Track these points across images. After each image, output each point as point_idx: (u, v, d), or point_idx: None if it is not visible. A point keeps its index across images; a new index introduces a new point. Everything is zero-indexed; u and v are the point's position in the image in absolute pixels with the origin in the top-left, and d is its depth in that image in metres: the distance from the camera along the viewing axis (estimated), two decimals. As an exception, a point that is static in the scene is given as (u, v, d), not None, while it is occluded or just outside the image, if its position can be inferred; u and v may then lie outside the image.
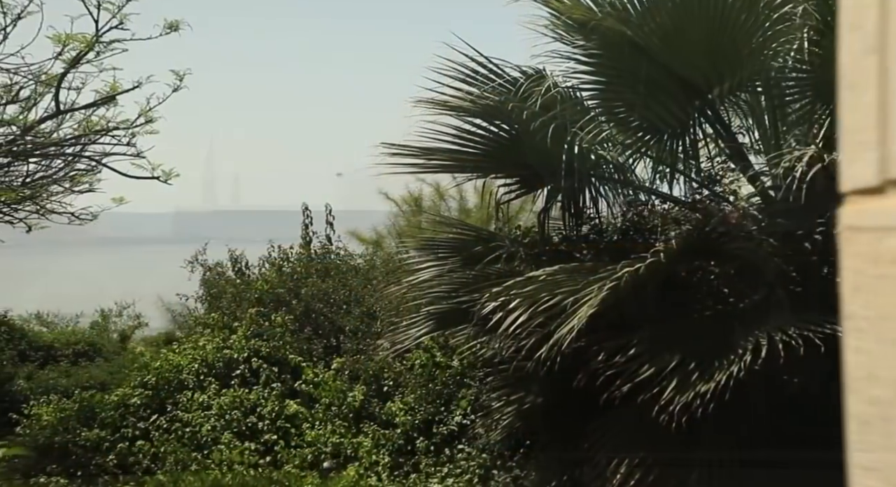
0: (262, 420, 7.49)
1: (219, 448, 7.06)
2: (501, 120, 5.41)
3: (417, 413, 6.84)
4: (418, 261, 6.41)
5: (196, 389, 8.03)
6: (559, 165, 5.32)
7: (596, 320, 3.86)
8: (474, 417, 6.62)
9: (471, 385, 6.86)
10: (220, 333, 8.58)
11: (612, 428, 4.52)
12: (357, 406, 7.14)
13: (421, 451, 6.55)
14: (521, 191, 5.84)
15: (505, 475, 5.87)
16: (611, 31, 4.25)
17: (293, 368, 8.02)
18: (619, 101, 4.88)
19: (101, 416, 7.94)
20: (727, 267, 4.68)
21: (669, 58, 4.42)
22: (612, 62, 4.61)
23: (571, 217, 5.75)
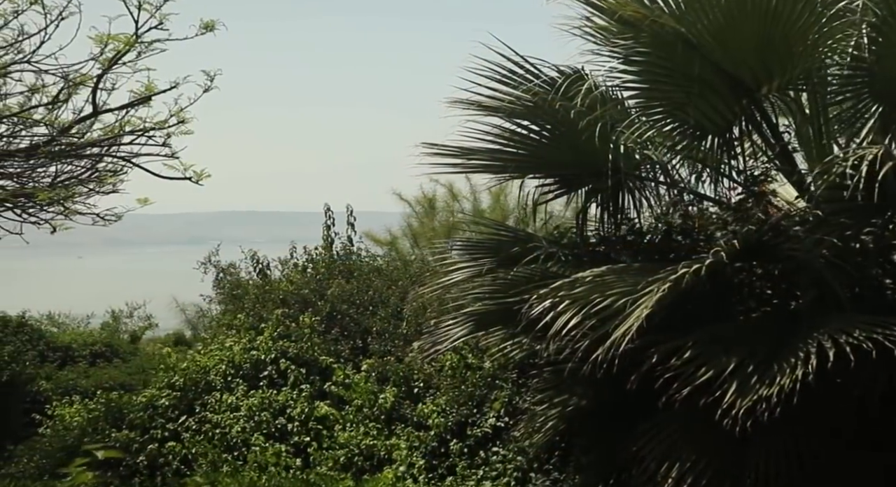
0: (291, 422, 7.46)
1: (253, 450, 7.03)
2: (542, 119, 5.37)
3: (450, 416, 6.80)
4: (453, 262, 6.37)
5: (224, 390, 8.01)
6: (601, 165, 5.28)
7: (648, 321, 3.81)
8: (508, 419, 6.59)
9: (503, 387, 6.82)
10: (247, 334, 8.55)
11: (663, 431, 4.47)
12: (388, 408, 7.11)
13: (455, 453, 6.52)
14: (560, 192, 5.80)
15: (543, 478, 5.83)
16: (663, 28, 4.21)
17: (321, 369, 7.99)
18: (665, 100, 4.82)
19: (129, 417, 7.93)
20: (781, 267, 4.63)
21: (720, 55, 4.36)
22: (661, 60, 4.56)
23: (610, 217, 5.72)
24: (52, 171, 7.51)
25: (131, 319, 24.12)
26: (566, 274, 5.08)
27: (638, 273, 4.50)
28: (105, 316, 23.84)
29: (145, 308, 24.46)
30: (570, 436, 5.36)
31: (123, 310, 24.42)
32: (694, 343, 3.98)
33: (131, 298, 24.23)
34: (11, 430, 10.77)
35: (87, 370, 13.15)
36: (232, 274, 18.55)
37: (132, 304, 24.62)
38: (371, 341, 8.38)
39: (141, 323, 23.60)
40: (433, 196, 20.45)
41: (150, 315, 24.29)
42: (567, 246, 5.80)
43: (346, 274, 9.75)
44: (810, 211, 3.91)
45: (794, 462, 3.99)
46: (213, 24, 6.15)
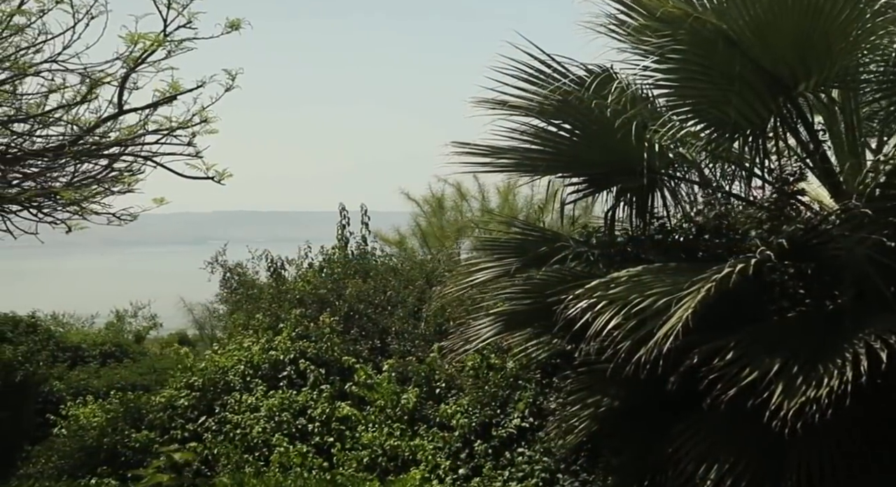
0: (311, 423, 7.43)
1: (277, 451, 7.00)
2: (572, 118, 5.33)
3: (473, 416, 6.77)
4: (477, 262, 6.34)
5: (243, 391, 7.98)
6: (632, 164, 5.25)
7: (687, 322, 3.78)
8: (533, 420, 6.56)
9: (527, 387, 6.79)
10: (265, 334, 8.52)
11: (700, 432, 4.44)
12: (410, 409, 7.08)
13: (479, 454, 6.48)
14: (589, 191, 5.77)
15: (571, 479, 5.79)
16: (703, 25, 4.17)
17: (341, 369, 7.96)
18: (701, 98, 4.78)
19: (148, 418, 7.90)
20: (815, 266, 4.60)
21: (759, 51, 4.32)
22: (698, 58, 4.52)
23: (639, 217, 5.69)
24: (68, 171, 7.49)
25: (136, 319, 24.15)
26: (597, 274, 5.05)
27: (675, 273, 4.48)
28: (109, 316, 23.86)
29: (150, 307, 24.51)
30: (599, 438, 5.32)
31: (128, 310, 24.46)
32: (736, 343, 3.95)
33: (134, 298, 24.26)
34: (25, 430, 10.76)
35: (98, 370, 13.13)
36: (240, 275, 18.53)
37: (137, 304, 24.67)
38: (391, 341, 8.34)
39: (145, 322, 23.63)
40: (442, 195, 20.47)
41: (154, 315, 24.33)
42: (596, 245, 5.78)
43: (363, 273, 9.72)
44: (858, 209, 3.86)
45: (838, 466, 3.96)
46: (238, 22, 6.12)
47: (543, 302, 5.69)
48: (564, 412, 5.17)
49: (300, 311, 8.66)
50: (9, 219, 8.52)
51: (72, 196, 6.41)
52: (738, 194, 5.26)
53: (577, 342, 5.01)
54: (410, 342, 8.23)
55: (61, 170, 7.35)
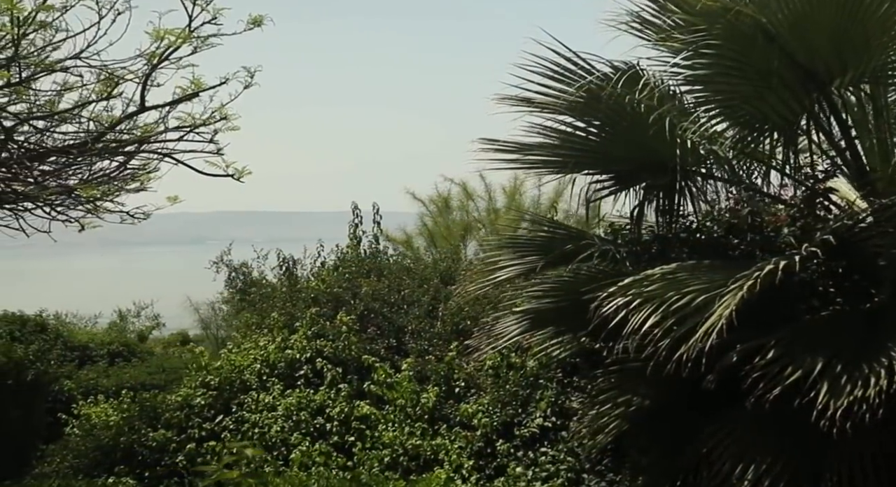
0: (329, 422, 7.38)
1: (299, 450, 6.96)
2: (599, 115, 5.28)
3: (494, 415, 6.72)
4: (497, 260, 6.30)
5: (259, 390, 7.94)
6: (661, 161, 5.22)
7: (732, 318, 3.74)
8: (556, 419, 6.52)
9: (548, 386, 6.75)
10: (280, 333, 8.48)
11: (734, 432, 4.40)
12: (430, 408, 7.03)
13: (502, 454, 6.44)
14: (615, 188, 5.72)
15: (597, 479, 5.75)
16: (743, 19, 4.13)
17: (358, 368, 7.91)
18: (733, 94, 4.73)
19: (165, 417, 7.85)
20: (855, 266, 4.56)
21: (796, 46, 4.28)
22: (732, 53, 4.48)
23: (666, 214, 5.65)
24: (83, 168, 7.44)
25: (138, 319, 24.13)
26: (626, 271, 5.00)
27: (709, 270, 4.44)
28: (112, 316, 23.82)
29: (153, 307, 24.49)
30: (627, 437, 5.27)
31: (131, 310, 24.44)
32: (776, 342, 3.92)
33: (133, 298, 24.25)
34: (36, 429, 10.72)
35: (107, 369, 13.10)
36: (245, 274, 18.50)
37: (140, 304, 24.66)
38: (407, 340, 8.30)
39: (148, 322, 23.61)
40: (448, 195, 20.42)
41: (157, 315, 24.31)
42: (622, 243, 5.74)
43: (377, 272, 9.68)
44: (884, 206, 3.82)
45: (881, 467, 3.91)
46: (260, 19, 6.07)
47: (571, 301, 5.65)
48: (593, 411, 5.12)
49: (316, 310, 8.62)
50: (22, 217, 8.48)
51: (94, 193, 6.36)
52: (768, 192, 5.22)
53: (609, 340, 4.97)
54: (427, 341, 8.19)
55: (78, 168, 7.31)
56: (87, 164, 6.55)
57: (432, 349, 7.97)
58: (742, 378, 4.24)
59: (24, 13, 4.72)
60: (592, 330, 5.65)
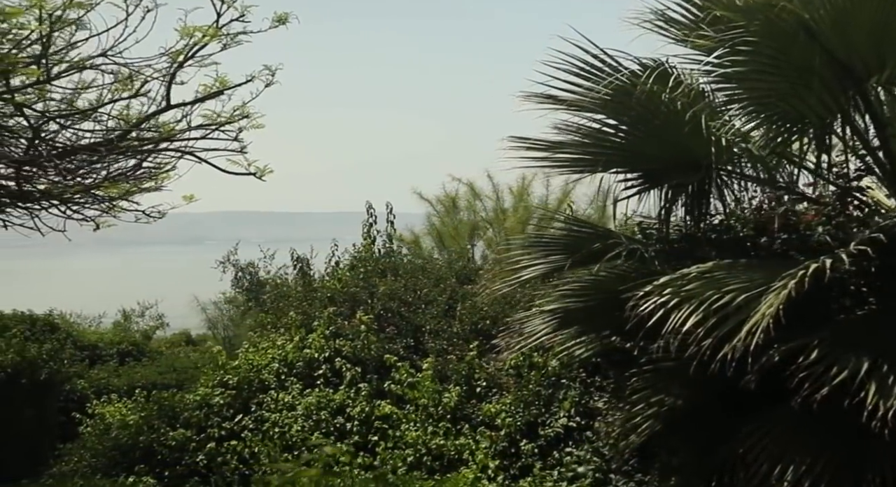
0: (350, 422, 7.36)
1: (322, 450, 6.92)
2: (631, 112, 5.24)
3: (517, 415, 6.70)
4: (524, 260, 6.27)
5: (278, 389, 7.92)
6: (692, 159, 5.19)
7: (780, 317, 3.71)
8: (580, 419, 6.49)
9: (571, 386, 6.72)
10: (298, 332, 8.45)
11: (771, 433, 4.36)
12: (452, 407, 7.00)
13: (526, 454, 6.41)
14: (643, 187, 5.69)
15: (625, 480, 5.72)
16: (786, 16, 4.10)
17: (377, 368, 7.88)
18: (768, 91, 4.70)
19: (183, 416, 7.83)
20: (888, 266, 4.53)
21: (836, 42, 4.23)
22: (771, 50, 4.44)
23: (695, 212, 5.62)
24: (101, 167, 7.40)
25: (142, 318, 24.09)
26: (657, 270, 4.97)
27: (746, 269, 4.41)
28: (116, 316, 23.79)
29: (157, 307, 24.46)
30: (657, 437, 5.24)
31: (135, 310, 24.41)
32: (819, 342, 3.89)
33: (134, 298, 24.24)
34: (50, 428, 10.70)
35: (117, 369, 13.08)
36: (252, 274, 18.47)
37: (144, 304, 24.63)
38: (425, 339, 8.26)
39: (152, 322, 23.58)
40: (456, 194, 20.37)
41: (161, 314, 24.28)
42: (654, 242, 5.71)
43: (393, 272, 9.65)
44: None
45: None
46: (285, 16, 6.06)
47: (601, 300, 5.63)
48: (623, 412, 5.08)
49: (333, 310, 8.59)
50: (38, 216, 8.44)
51: (120, 190, 6.33)
52: (800, 191, 5.19)
53: (642, 340, 4.94)
54: (446, 340, 8.16)
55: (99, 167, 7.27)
56: (109, 162, 6.51)
57: (451, 348, 7.94)
58: (781, 377, 4.22)
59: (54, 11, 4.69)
60: (623, 329, 5.64)
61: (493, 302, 7.77)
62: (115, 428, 8.21)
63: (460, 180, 20.29)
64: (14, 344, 10.79)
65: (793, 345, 3.86)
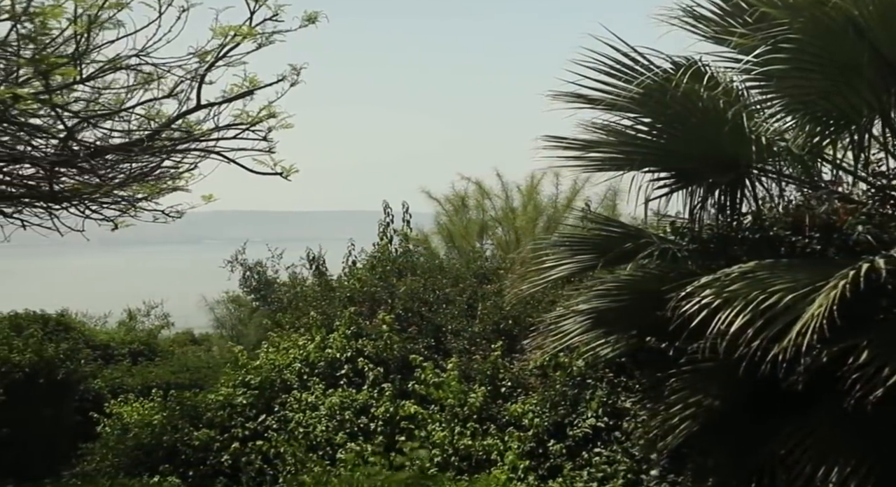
0: (374, 422, 7.34)
1: (353, 449, 6.92)
2: (669, 110, 5.21)
3: (543, 415, 6.68)
4: (551, 259, 6.24)
5: (300, 389, 7.90)
6: (731, 158, 5.17)
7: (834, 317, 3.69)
8: (608, 419, 6.47)
9: (597, 386, 6.70)
10: (318, 332, 8.43)
11: (814, 433, 4.34)
12: (478, 408, 6.99)
13: (554, 455, 6.40)
14: (676, 186, 5.66)
15: (657, 480, 5.70)
16: (835, 13, 4.07)
17: (400, 368, 7.86)
18: (809, 89, 4.67)
19: (206, 416, 7.81)
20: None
21: (881, 38, 4.21)
22: (814, 48, 4.40)
23: (728, 212, 5.59)
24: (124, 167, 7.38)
25: (148, 318, 24.09)
26: (698, 271, 4.94)
27: (789, 269, 4.38)
28: (121, 315, 23.77)
29: (162, 307, 24.46)
30: (692, 438, 5.21)
31: (140, 309, 24.40)
32: (868, 343, 3.87)
33: (138, 297, 24.22)
34: (67, 428, 10.69)
35: (130, 368, 13.07)
36: (259, 273, 18.43)
37: (149, 303, 24.62)
38: (447, 339, 8.24)
39: (157, 321, 23.57)
40: (465, 194, 20.31)
41: (167, 314, 24.27)
42: (689, 241, 5.69)
43: (411, 271, 9.62)
44: None
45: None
46: (315, 15, 6.03)
47: (635, 300, 5.61)
48: (662, 412, 5.06)
49: (353, 309, 8.57)
50: (56, 216, 8.42)
51: (149, 190, 6.31)
52: (840, 190, 5.17)
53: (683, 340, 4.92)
54: (467, 340, 8.14)
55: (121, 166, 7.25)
56: (137, 162, 6.50)
57: (474, 348, 7.92)
58: (823, 378, 4.20)
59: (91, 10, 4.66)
60: (657, 329, 5.61)
61: (517, 303, 7.74)
62: (136, 428, 8.20)
63: (469, 179, 20.26)
64: (31, 344, 10.78)
65: (843, 346, 3.83)
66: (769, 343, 3.78)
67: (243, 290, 19.11)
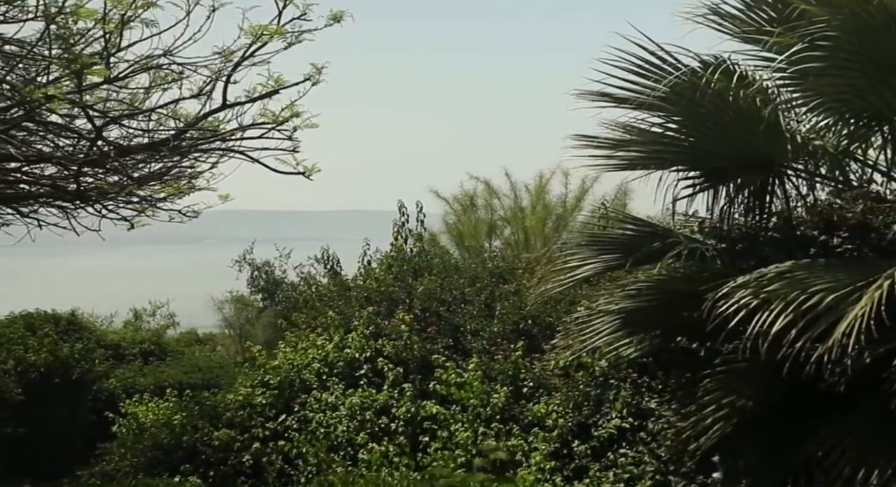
0: (394, 422, 7.32)
1: (378, 449, 6.90)
2: (703, 110, 5.17)
3: (567, 416, 6.64)
4: (575, 259, 6.22)
5: (319, 389, 7.87)
6: (765, 157, 5.14)
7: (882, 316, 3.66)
8: (633, 420, 6.43)
9: (620, 386, 6.66)
10: (337, 332, 8.40)
11: (853, 435, 4.32)
12: (500, 408, 6.96)
13: (579, 455, 6.36)
14: (705, 186, 5.64)
15: (685, 482, 5.67)
16: (870, 10, 4.04)
17: (420, 368, 7.83)
18: (846, 87, 4.65)
19: (226, 416, 7.79)
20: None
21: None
22: (852, 45, 4.37)
23: (758, 211, 5.57)
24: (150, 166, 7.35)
25: (153, 318, 24.09)
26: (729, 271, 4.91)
27: (827, 269, 4.36)
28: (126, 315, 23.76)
29: (168, 306, 24.45)
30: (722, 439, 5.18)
31: (146, 309, 24.40)
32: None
33: (140, 296, 24.21)
34: (81, 427, 10.69)
35: (142, 368, 13.06)
36: (268, 273, 18.40)
37: (155, 303, 24.62)
38: (469, 339, 8.20)
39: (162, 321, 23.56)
40: (473, 193, 20.27)
41: (173, 313, 24.26)
42: (711, 242, 5.66)
43: (428, 271, 9.59)
44: None
45: None
46: (341, 14, 6.00)
47: (664, 300, 5.59)
48: (695, 413, 5.03)
49: (372, 309, 8.54)
50: (74, 216, 8.39)
51: (175, 189, 6.30)
52: (874, 190, 5.14)
53: (715, 340, 4.90)
54: (486, 340, 8.10)
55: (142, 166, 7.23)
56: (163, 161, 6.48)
57: (494, 349, 7.88)
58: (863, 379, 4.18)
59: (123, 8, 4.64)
60: (686, 329, 5.59)
61: (542, 303, 7.70)
62: (153, 428, 8.18)
63: (478, 179, 20.23)
64: (46, 344, 10.79)
65: (889, 347, 3.81)
66: (813, 343, 3.75)
67: (251, 290, 19.10)
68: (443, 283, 9.13)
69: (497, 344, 7.92)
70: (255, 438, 7.57)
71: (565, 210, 19.30)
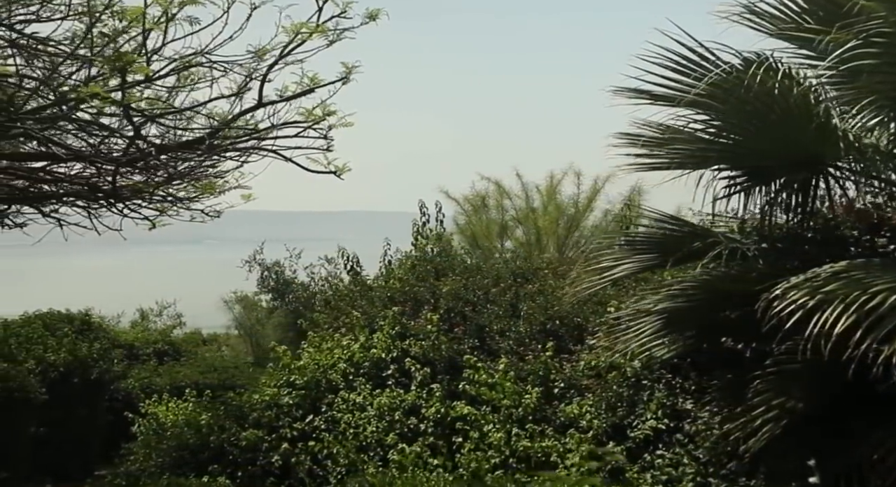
0: (423, 422, 7.27)
1: (413, 450, 6.85)
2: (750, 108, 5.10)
3: (601, 417, 6.59)
4: (608, 259, 6.16)
5: (346, 389, 7.82)
6: (813, 156, 5.08)
7: None
8: (668, 421, 6.38)
9: (654, 387, 6.60)
10: (362, 332, 8.35)
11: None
12: (532, 409, 6.91)
13: (613, 456, 6.31)
14: (747, 185, 5.57)
15: (727, 484, 5.61)
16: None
17: (447, 368, 7.78)
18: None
19: (252, 416, 7.74)
20: None
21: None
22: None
23: (801, 210, 5.51)
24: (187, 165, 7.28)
25: (160, 318, 24.05)
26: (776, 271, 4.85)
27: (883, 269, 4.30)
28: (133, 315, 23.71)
29: (175, 306, 24.40)
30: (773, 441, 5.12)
31: (153, 308, 24.35)
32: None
33: (142, 296, 24.15)
34: (100, 427, 10.65)
35: (157, 368, 13.03)
36: (277, 273, 18.36)
37: (162, 303, 24.56)
38: (496, 340, 8.15)
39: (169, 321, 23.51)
40: (485, 193, 20.20)
41: (180, 313, 24.21)
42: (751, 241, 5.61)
43: (451, 271, 9.54)
44: None
45: None
46: (377, 13, 5.95)
47: (706, 300, 5.52)
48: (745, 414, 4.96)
49: (397, 309, 8.48)
50: (96, 216, 8.34)
51: (207, 188, 6.25)
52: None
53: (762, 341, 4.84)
54: (513, 340, 8.05)
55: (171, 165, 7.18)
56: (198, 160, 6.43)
57: (522, 349, 7.83)
58: None
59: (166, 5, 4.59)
60: (725, 329, 5.53)
61: (575, 303, 7.64)
62: (177, 428, 8.12)
63: (489, 179, 20.17)
64: (66, 344, 10.74)
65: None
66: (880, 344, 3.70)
67: (261, 290, 19.06)
68: (467, 283, 9.09)
69: (525, 344, 7.87)
70: (283, 438, 7.52)
71: (577, 210, 19.23)
